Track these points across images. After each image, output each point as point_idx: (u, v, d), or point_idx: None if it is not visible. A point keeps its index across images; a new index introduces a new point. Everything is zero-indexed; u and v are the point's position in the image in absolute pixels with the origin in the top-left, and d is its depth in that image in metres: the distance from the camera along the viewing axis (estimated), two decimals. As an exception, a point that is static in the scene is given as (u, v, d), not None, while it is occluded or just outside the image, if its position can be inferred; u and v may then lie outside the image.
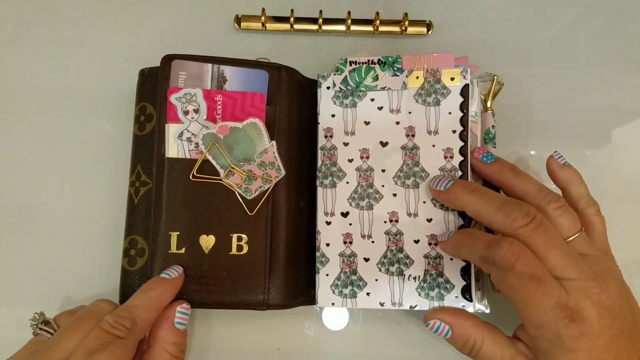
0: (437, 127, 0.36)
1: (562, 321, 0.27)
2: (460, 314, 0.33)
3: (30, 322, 0.32)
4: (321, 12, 0.42)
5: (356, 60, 0.37)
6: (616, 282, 0.30)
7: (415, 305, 0.34)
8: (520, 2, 0.44)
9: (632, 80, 0.42)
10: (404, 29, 0.42)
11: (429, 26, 0.42)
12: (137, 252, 0.36)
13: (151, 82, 0.37)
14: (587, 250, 0.31)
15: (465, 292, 0.34)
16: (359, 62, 0.37)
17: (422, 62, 0.37)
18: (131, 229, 0.36)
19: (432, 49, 0.42)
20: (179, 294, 0.34)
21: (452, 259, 0.35)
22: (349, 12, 0.41)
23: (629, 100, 0.42)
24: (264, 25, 0.42)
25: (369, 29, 0.42)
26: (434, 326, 0.33)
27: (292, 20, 0.42)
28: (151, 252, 0.34)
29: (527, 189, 0.32)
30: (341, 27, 0.42)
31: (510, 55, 0.43)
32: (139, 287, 0.33)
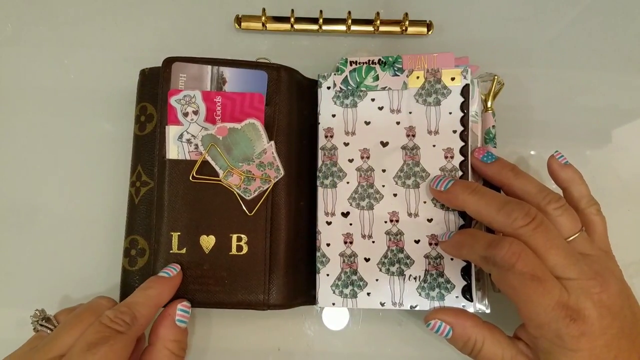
0: (437, 127, 0.36)
1: (563, 321, 0.27)
2: (460, 314, 0.33)
3: (31, 319, 0.32)
4: (321, 12, 0.42)
5: (356, 60, 0.37)
6: (617, 282, 0.30)
7: (415, 305, 0.34)
8: (520, 2, 0.44)
9: (632, 80, 0.42)
10: (404, 29, 0.42)
11: (429, 26, 0.42)
12: (137, 252, 0.36)
13: (151, 82, 0.37)
14: (587, 250, 0.31)
15: (465, 292, 0.34)
16: (359, 62, 0.37)
17: (423, 62, 0.37)
18: (132, 229, 0.36)
19: (432, 49, 0.42)
20: (180, 294, 0.34)
21: (453, 259, 0.35)
22: (349, 12, 0.41)
23: (629, 100, 0.42)
24: (264, 25, 0.42)
25: (369, 29, 0.42)
26: (435, 326, 0.33)
27: (292, 20, 0.42)
28: (154, 253, 0.35)
29: (528, 188, 0.32)
30: (341, 27, 0.42)
31: (510, 55, 0.43)
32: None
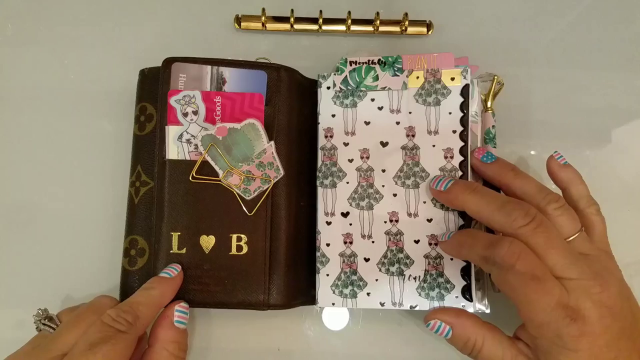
0: (437, 127, 0.36)
1: (563, 321, 0.27)
2: (460, 314, 0.33)
3: (33, 318, 0.32)
4: (321, 12, 0.42)
5: (356, 60, 0.37)
6: (616, 282, 0.30)
7: (415, 305, 0.34)
8: (520, 2, 0.44)
9: (632, 80, 0.42)
10: (404, 29, 0.42)
11: (429, 26, 0.42)
12: (137, 252, 0.36)
13: (151, 82, 0.37)
14: (587, 250, 0.31)
15: (465, 292, 0.34)
16: (359, 62, 0.37)
17: (422, 62, 0.37)
18: (131, 229, 0.36)
19: (432, 49, 0.42)
20: (180, 294, 0.34)
21: (452, 259, 0.35)
22: (349, 12, 0.41)
23: (629, 100, 0.42)
24: (264, 25, 0.42)
25: (369, 29, 0.42)
26: (435, 326, 0.33)
27: (292, 20, 0.42)
28: (154, 253, 0.35)
29: (527, 189, 0.32)
30: (341, 27, 0.42)
31: (510, 55, 0.43)
32: (140, 287, 0.33)
